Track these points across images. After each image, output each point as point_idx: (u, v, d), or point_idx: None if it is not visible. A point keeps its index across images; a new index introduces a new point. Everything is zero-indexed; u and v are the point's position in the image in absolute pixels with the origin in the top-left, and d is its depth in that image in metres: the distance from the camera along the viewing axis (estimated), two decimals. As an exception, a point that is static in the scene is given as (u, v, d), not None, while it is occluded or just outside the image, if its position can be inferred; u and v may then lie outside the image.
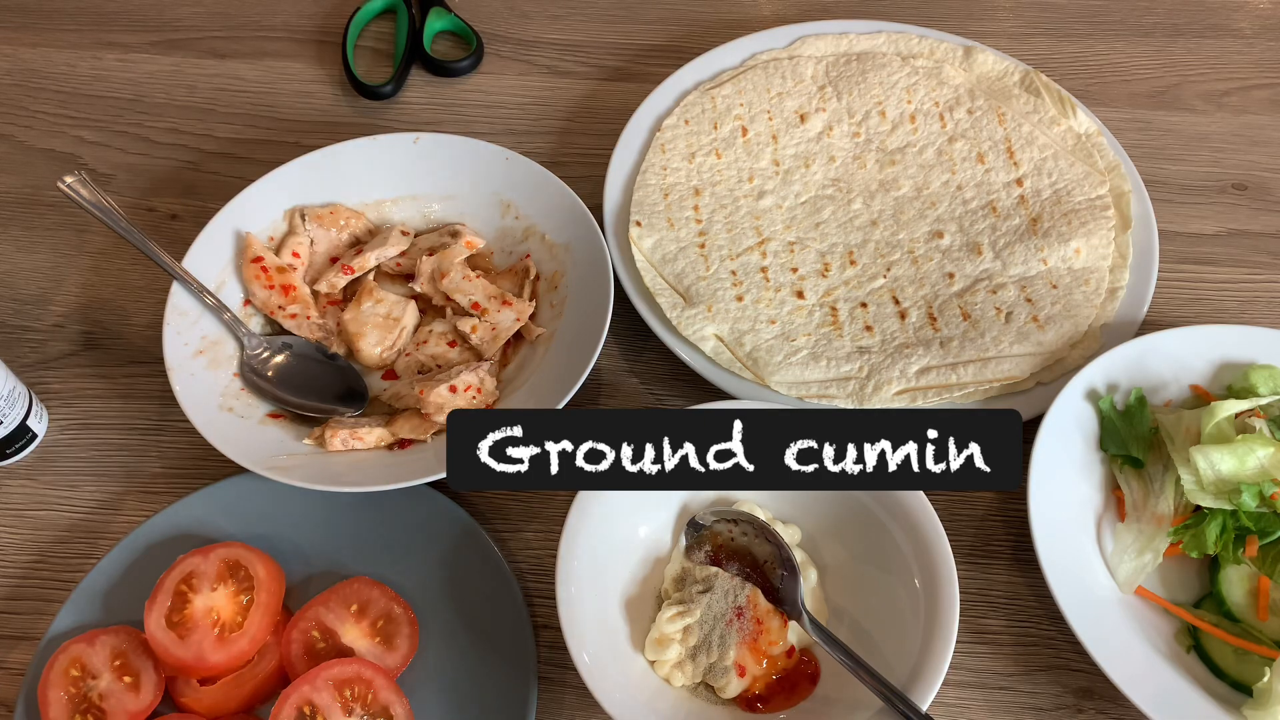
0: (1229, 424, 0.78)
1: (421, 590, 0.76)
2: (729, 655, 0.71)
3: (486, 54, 1.13)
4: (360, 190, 0.94)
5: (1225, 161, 1.06)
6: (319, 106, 1.09)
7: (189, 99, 1.09)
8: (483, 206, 0.94)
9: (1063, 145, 1.00)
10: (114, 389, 0.89)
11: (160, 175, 1.03)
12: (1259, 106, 1.10)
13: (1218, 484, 0.75)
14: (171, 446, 0.86)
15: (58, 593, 0.78)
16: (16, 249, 0.97)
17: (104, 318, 0.93)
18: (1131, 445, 0.80)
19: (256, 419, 0.81)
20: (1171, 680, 0.72)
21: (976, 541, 0.83)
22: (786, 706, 0.71)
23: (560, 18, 1.17)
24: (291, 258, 0.90)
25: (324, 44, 1.14)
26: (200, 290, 0.84)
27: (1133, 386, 0.82)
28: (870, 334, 0.88)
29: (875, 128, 1.02)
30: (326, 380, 0.85)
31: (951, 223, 0.96)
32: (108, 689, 0.70)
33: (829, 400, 0.85)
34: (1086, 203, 0.96)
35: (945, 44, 1.08)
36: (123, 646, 0.72)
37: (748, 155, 1.00)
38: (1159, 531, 0.77)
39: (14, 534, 0.82)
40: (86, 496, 0.84)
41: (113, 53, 1.13)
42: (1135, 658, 0.72)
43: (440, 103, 1.09)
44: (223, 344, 0.84)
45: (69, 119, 1.07)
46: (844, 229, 0.95)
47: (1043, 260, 0.92)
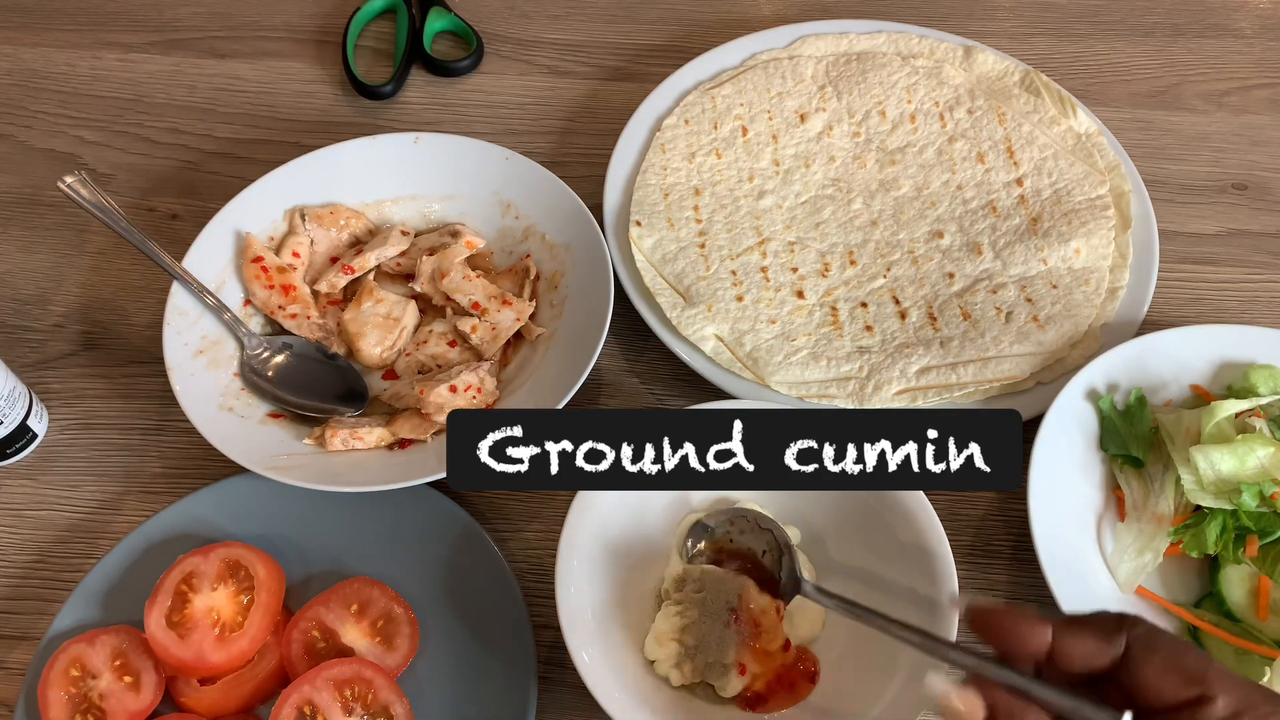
0: (1229, 424, 0.78)
1: (421, 590, 0.76)
2: (729, 654, 0.71)
3: (486, 54, 1.13)
4: (360, 190, 0.94)
5: (1226, 161, 1.06)
6: (319, 106, 1.09)
7: (189, 99, 1.09)
8: (483, 206, 0.94)
9: (1063, 145, 1.00)
10: (114, 389, 0.89)
11: (160, 175, 1.03)
12: (1259, 106, 1.10)
13: (1218, 484, 0.75)
14: (172, 446, 0.86)
15: (58, 592, 0.78)
16: (17, 249, 0.97)
17: (104, 318, 0.93)
18: (1132, 445, 0.80)
19: (257, 419, 0.81)
20: (1171, 680, 0.72)
21: (976, 541, 0.83)
22: (786, 706, 0.71)
23: (560, 17, 1.17)
24: (292, 257, 0.90)
25: (324, 44, 1.14)
26: (200, 290, 0.84)
27: (1133, 386, 0.82)
28: (870, 334, 0.88)
29: (875, 127, 1.02)
30: (327, 380, 0.85)
31: (951, 222, 0.96)
32: (108, 689, 0.70)
33: (829, 400, 0.85)
34: (1087, 202, 0.96)
35: (945, 44, 1.08)
36: (123, 646, 0.72)
37: (748, 155, 1.00)
38: (1159, 531, 0.77)
39: (14, 534, 0.82)
40: (87, 496, 0.84)
41: (113, 52, 1.13)
42: (1135, 658, 0.72)
43: (440, 102, 1.09)
44: (223, 344, 0.84)
45: (69, 119, 1.07)
46: (844, 229, 0.95)
47: (1043, 260, 0.92)
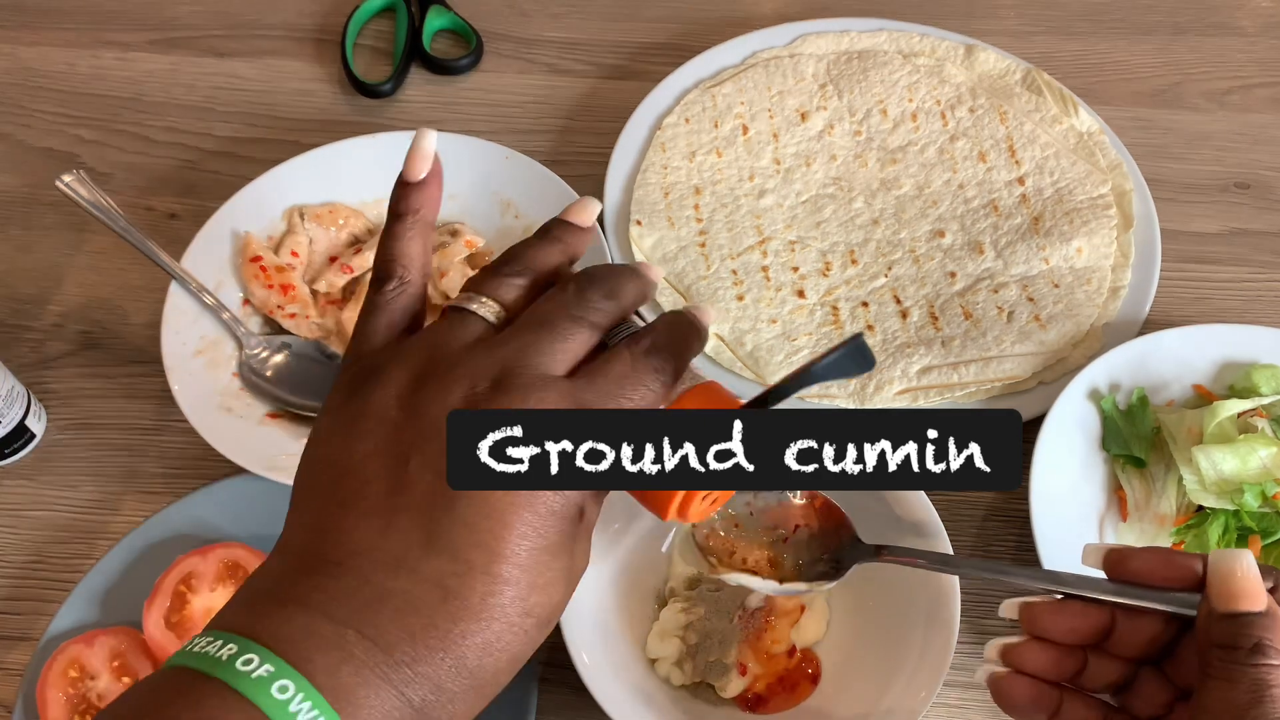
0: (1231, 424, 0.77)
1: (421, 591, 0.76)
2: (730, 654, 0.71)
3: (486, 52, 1.13)
4: (359, 189, 0.94)
5: (1228, 160, 1.05)
6: (318, 105, 1.08)
7: (188, 98, 1.09)
8: (482, 205, 0.94)
9: (1065, 144, 1.00)
10: (113, 389, 0.89)
11: (159, 174, 1.03)
12: (1262, 105, 1.10)
13: (1220, 484, 0.75)
14: (170, 446, 0.86)
15: (56, 593, 0.78)
16: (14, 248, 0.97)
17: (102, 317, 0.93)
18: (1133, 445, 0.79)
19: (256, 419, 0.81)
20: (1174, 681, 0.72)
21: (978, 542, 0.82)
22: (786, 707, 0.71)
23: (560, 16, 1.17)
24: (290, 257, 0.89)
25: (323, 42, 1.14)
26: (199, 290, 0.84)
27: (1135, 386, 0.82)
28: (871, 333, 0.88)
29: (876, 126, 1.02)
30: (325, 380, 0.84)
31: (953, 221, 0.95)
32: (106, 690, 0.70)
33: (829, 400, 0.84)
34: (1088, 201, 0.96)
35: (947, 42, 1.08)
36: (121, 647, 0.72)
37: (748, 154, 1.00)
38: (1161, 532, 0.76)
39: (12, 534, 0.82)
40: (85, 496, 0.83)
41: (111, 51, 1.12)
42: (1137, 658, 0.72)
43: (440, 101, 1.09)
44: (222, 344, 0.84)
45: (67, 118, 1.07)
46: (845, 228, 0.95)
47: (1044, 259, 0.92)
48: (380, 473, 0.39)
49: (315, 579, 0.37)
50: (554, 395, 0.40)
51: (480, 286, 0.44)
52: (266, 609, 0.37)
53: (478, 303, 0.43)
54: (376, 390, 0.40)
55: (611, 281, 0.44)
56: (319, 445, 0.42)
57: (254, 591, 0.39)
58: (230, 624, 0.37)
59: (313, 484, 0.41)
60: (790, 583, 0.62)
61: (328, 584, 0.37)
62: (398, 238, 0.45)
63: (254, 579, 0.40)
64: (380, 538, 0.38)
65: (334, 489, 0.39)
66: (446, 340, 0.41)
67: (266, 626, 0.36)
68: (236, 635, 0.36)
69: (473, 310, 0.43)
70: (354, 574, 0.37)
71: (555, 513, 0.40)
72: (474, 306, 0.43)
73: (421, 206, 0.45)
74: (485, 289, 0.43)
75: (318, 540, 0.39)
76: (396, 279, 0.45)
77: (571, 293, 0.43)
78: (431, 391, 0.40)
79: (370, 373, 0.42)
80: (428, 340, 0.42)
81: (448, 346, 0.41)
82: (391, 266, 0.45)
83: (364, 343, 0.43)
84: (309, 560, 0.38)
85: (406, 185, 0.45)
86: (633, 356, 0.43)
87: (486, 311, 0.43)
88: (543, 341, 0.41)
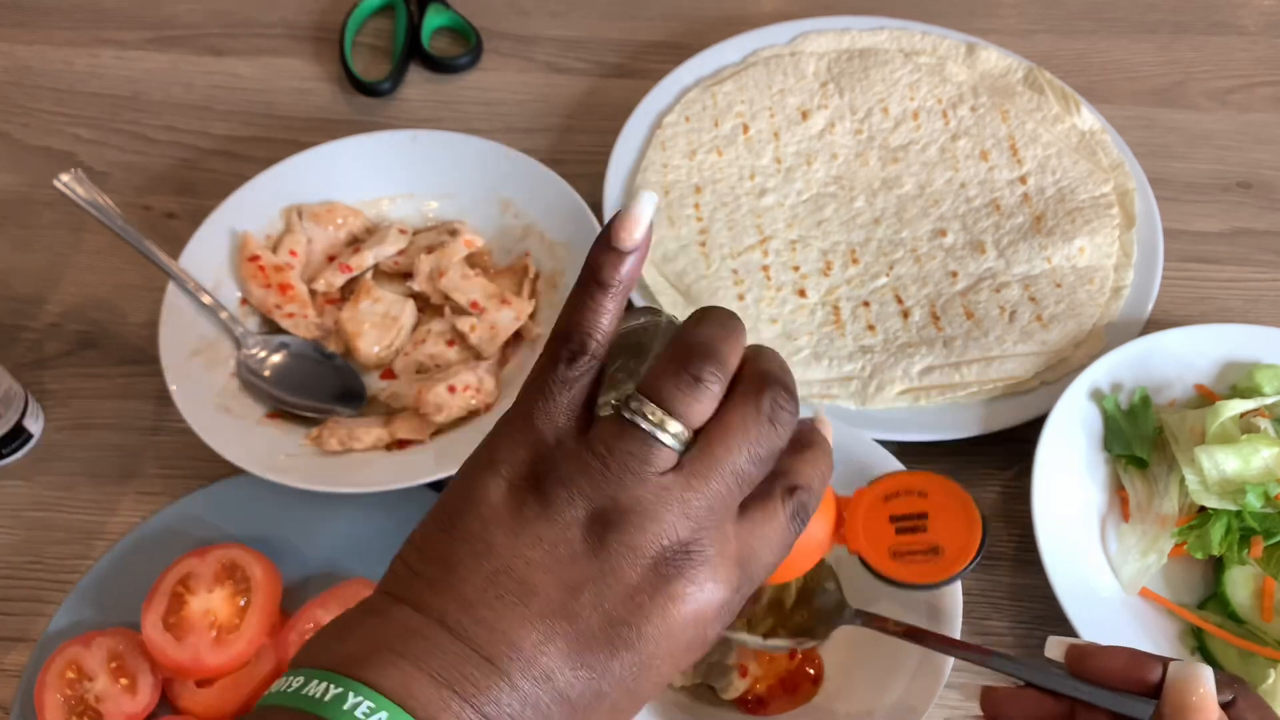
0: (1234, 424, 0.77)
1: (420, 592, 0.76)
2: (731, 655, 0.70)
3: (485, 51, 1.12)
4: (358, 188, 0.93)
5: (1230, 159, 1.05)
6: (316, 104, 1.08)
7: (186, 96, 1.08)
8: (481, 204, 0.93)
9: (1066, 143, 1.00)
10: (110, 389, 0.88)
11: (157, 173, 1.02)
12: (1264, 104, 1.10)
13: (1222, 484, 0.75)
14: (168, 447, 0.85)
15: (53, 594, 0.78)
16: (12, 248, 0.97)
17: (100, 317, 0.93)
18: (1136, 445, 0.79)
19: (254, 419, 0.81)
20: (1176, 682, 0.71)
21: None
22: (787, 709, 0.71)
23: (560, 14, 1.16)
24: (289, 256, 0.89)
25: (321, 41, 1.13)
26: (197, 289, 0.83)
27: (1137, 386, 0.82)
28: (873, 333, 0.87)
29: (878, 125, 1.02)
30: (324, 379, 0.84)
31: (955, 221, 0.95)
32: (104, 691, 0.70)
33: (831, 400, 0.84)
34: (1090, 201, 0.95)
35: (948, 41, 1.07)
36: (119, 648, 0.71)
37: (749, 153, 1.00)
38: (1163, 532, 0.76)
39: (10, 535, 0.81)
40: (83, 497, 0.83)
41: (109, 50, 1.12)
42: (1140, 660, 0.72)
43: (439, 100, 1.09)
44: (220, 344, 0.84)
45: (65, 116, 1.06)
46: (846, 227, 0.95)
47: (1046, 259, 0.92)
48: (549, 588, 0.38)
49: (465, 667, 0.37)
50: (725, 570, 0.40)
51: (673, 402, 0.40)
52: (416, 677, 0.37)
53: (667, 433, 0.39)
54: (563, 509, 0.39)
55: (792, 400, 0.42)
56: (480, 517, 0.40)
57: (387, 638, 0.38)
58: (382, 686, 0.36)
59: (464, 552, 0.40)
60: (774, 639, 0.65)
61: (474, 673, 0.37)
62: (596, 311, 0.41)
63: (381, 621, 0.39)
64: (535, 650, 0.37)
65: (493, 580, 0.39)
66: (638, 472, 0.39)
67: (416, 697, 0.36)
68: (389, 701, 0.36)
69: (662, 441, 0.39)
70: (503, 676, 0.37)
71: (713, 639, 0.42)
72: (664, 438, 0.39)
73: (628, 277, 0.41)
74: (677, 405, 0.40)
75: (463, 615, 0.38)
76: (590, 355, 0.41)
77: (767, 432, 0.41)
78: (622, 538, 0.39)
79: (553, 474, 0.40)
80: (618, 466, 0.39)
81: (638, 484, 0.39)
82: (587, 342, 0.41)
83: (546, 420, 0.41)
84: (451, 630, 0.38)
85: (614, 251, 0.40)
86: (787, 520, 0.42)
87: (675, 443, 0.40)
88: (732, 496, 0.40)
